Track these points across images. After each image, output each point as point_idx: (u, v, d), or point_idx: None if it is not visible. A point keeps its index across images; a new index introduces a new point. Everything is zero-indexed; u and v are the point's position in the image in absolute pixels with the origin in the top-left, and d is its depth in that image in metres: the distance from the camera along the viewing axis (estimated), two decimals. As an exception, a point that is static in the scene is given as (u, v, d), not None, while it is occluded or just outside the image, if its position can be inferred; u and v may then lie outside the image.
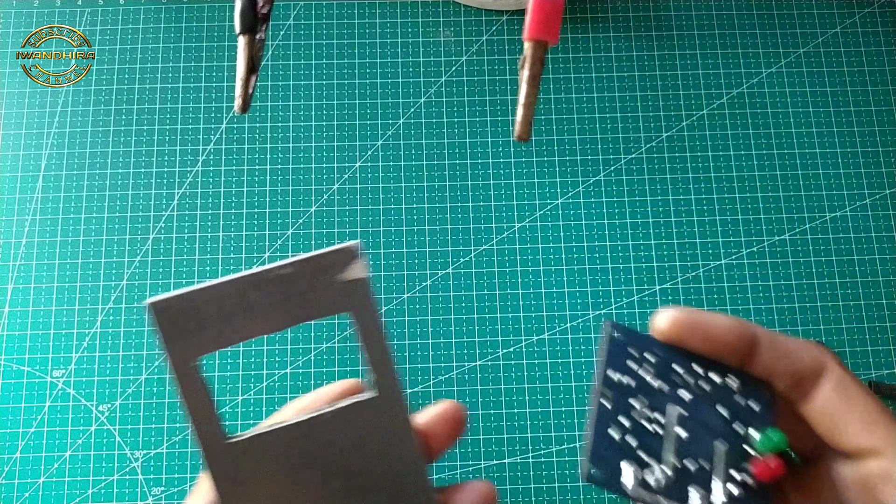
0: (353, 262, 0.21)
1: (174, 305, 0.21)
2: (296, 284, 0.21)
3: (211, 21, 0.51)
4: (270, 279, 0.21)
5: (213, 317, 0.21)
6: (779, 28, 0.52)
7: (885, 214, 0.48)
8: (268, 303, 0.21)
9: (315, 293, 0.21)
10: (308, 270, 0.21)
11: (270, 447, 0.21)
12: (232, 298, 0.21)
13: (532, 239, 0.48)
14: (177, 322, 0.21)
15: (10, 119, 0.49)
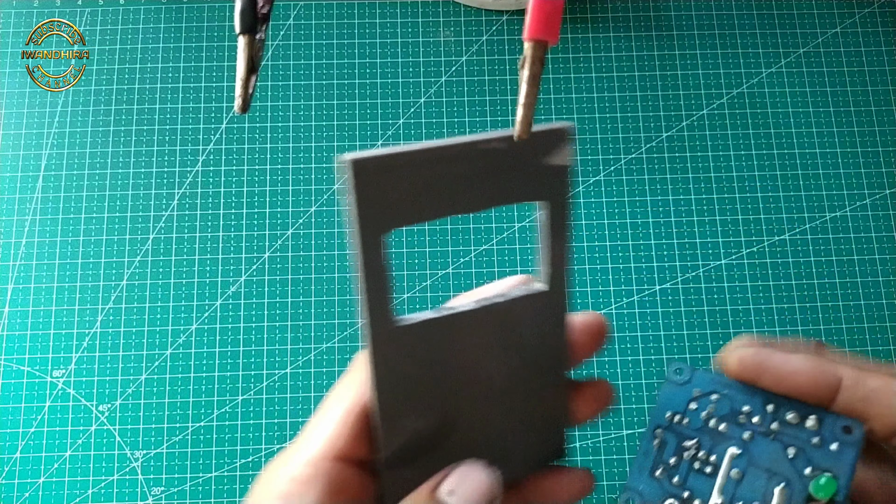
0: (562, 146, 0.19)
1: (376, 167, 0.17)
2: (503, 160, 0.19)
3: (211, 21, 0.51)
4: (481, 151, 0.19)
5: (413, 185, 0.18)
6: (779, 28, 0.52)
7: (885, 214, 0.48)
8: (472, 177, 0.19)
9: (518, 173, 0.19)
10: (519, 146, 0.19)
11: (436, 333, 0.20)
12: (437, 166, 0.18)
13: (532, 239, 0.48)
14: (374, 186, 0.17)
15: (10, 119, 0.49)
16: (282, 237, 0.47)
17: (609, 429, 0.44)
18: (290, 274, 0.47)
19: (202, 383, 0.45)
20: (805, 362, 0.21)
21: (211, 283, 0.46)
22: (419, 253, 0.47)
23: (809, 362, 0.21)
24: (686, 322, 0.46)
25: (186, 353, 0.45)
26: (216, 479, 0.43)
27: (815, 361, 0.21)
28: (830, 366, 0.20)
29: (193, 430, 0.44)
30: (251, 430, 0.44)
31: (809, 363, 0.21)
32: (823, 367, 0.20)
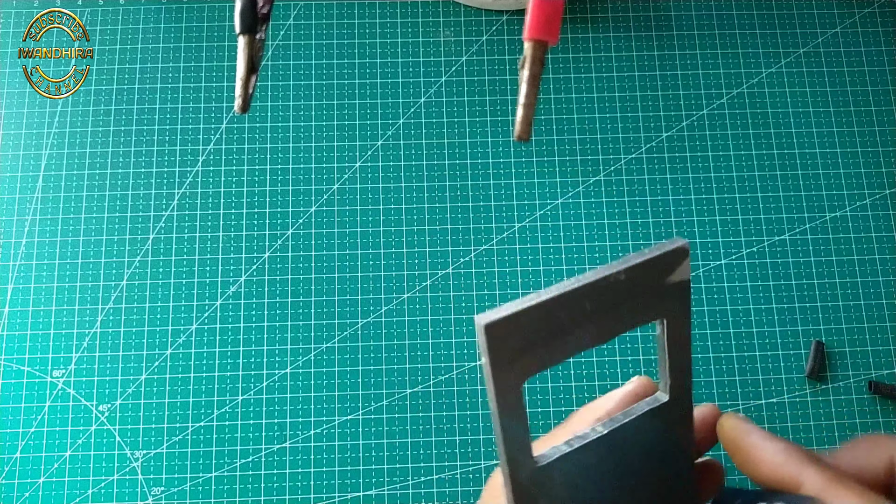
0: (682, 263, 0.20)
1: (507, 325, 0.18)
2: (624, 290, 0.19)
3: (211, 21, 0.51)
4: (603, 287, 0.19)
5: (541, 335, 0.19)
6: (779, 28, 0.52)
7: (885, 214, 0.48)
8: (596, 313, 0.19)
9: (641, 298, 0.19)
10: (641, 275, 0.19)
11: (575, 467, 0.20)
12: (562, 312, 0.19)
13: (532, 239, 0.48)
14: (507, 343, 0.18)
15: (11, 119, 0.49)
16: (282, 237, 0.47)
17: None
18: (290, 274, 0.47)
19: (202, 383, 0.45)
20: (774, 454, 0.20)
21: (211, 283, 0.46)
22: (419, 253, 0.47)
23: (778, 455, 0.20)
24: (686, 322, 0.46)
25: (186, 353, 0.45)
26: (216, 479, 0.43)
27: (784, 456, 0.20)
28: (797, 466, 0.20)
29: (193, 430, 0.44)
30: (251, 430, 0.44)
31: (778, 456, 0.20)
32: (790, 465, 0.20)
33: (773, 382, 0.45)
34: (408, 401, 0.45)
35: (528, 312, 0.18)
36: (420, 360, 0.45)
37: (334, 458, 0.44)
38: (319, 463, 0.44)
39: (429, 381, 0.45)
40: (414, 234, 0.48)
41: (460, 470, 0.44)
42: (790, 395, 0.45)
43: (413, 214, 0.48)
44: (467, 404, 0.45)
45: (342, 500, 0.43)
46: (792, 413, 0.45)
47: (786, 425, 0.45)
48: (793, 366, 0.46)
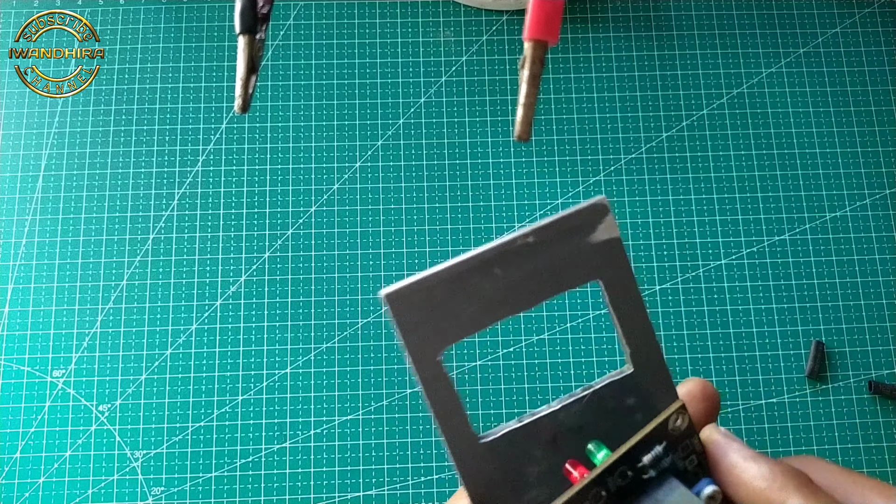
0: (602, 220, 0.19)
1: (410, 294, 0.18)
2: (540, 254, 0.18)
3: (211, 21, 0.51)
4: (512, 252, 0.18)
5: (453, 302, 0.18)
6: (779, 28, 0.52)
7: (885, 214, 0.48)
8: (512, 279, 0.18)
9: (562, 261, 0.19)
10: (553, 236, 0.18)
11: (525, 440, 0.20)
12: (472, 279, 0.18)
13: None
14: (415, 313, 0.18)
15: (11, 119, 0.49)
16: (282, 237, 0.47)
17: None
18: (290, 274, 0.47)
19: (202, 383, 0.45)
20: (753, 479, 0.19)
21: (211, 283, 0.46)
22: (419, 253, 0.47)
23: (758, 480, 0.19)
24: (686, 322, 0.46)
25: (186, 353, 0.45)
26: (216, 479, 0.43)
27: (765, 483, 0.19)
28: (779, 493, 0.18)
29: (193, 430, 0.44)
30: (251, 430, 0.44)
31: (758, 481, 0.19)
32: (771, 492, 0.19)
33: (773, 382, 0.45)
34: (408, 401, 0.45)
35: (431, 280, 0.18)
36: (420, 360, 0.45)
37: (334, 458, 0.44)
38: (319, 463, 0.44)
39: (429, 381, 0.45)
40: (414, 234, 0.48)
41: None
42: (790, 395, 0.45)
43: (413, 214, 0.48)
44: (467, 404, 0.45)
45: (342, 500, 0.43)
46: (792, 413, 0.45)
47: (786, 425, 0.45)
48: (793, 366, 0.46)
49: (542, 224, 0.18)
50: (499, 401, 0.45)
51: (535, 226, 0.18)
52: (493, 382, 0.45)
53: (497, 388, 0.45)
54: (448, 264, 0.18)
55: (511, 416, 0.45)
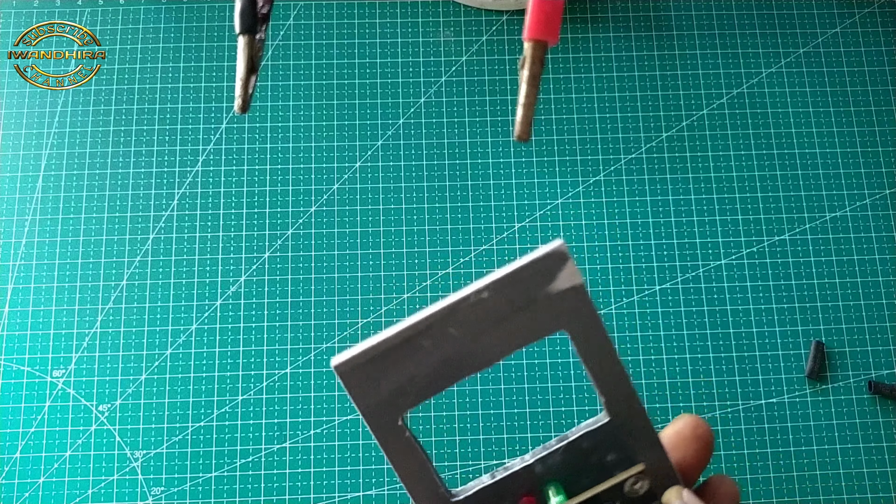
0: (562, 268, 0.17)
1: (362, 363, 0.17)
2: (497, 309, 0.17)
3: (211, 21, 0.51)
4: (464, 311, 0.17)
5: (408, 367, 0.17)
6: (779, 28, 0.52)
7: (885, 214, 0.48)
8: (468, 338, 0.17)
9: (522, 314, 0.18)
10: (508, 290, 0.17)
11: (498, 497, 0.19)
12: (425, 341, 0.17)
13: (532, 239, 0.48)
14: (368, 380, 0.17)
15: (10, 118, 0.49)
16: (282, 237, 0.47)
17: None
18: (290, 274, 0.47)
19: (202, 383, 0.45)
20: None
21: (211, 283, 0.46)
22: (419, 253, 0.47)
23: None
24: (686, 322, 0.46)
25: (186, 353, 0.45)
26: (216, 479, 0.43)
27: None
28: None
29: (193, 430, 0.44)
30: (251, 430, 0.44)
31: None
32: None
33: (773, 382, 0.45)
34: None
35: (382, 347, 0.17)
36: (420, 360, 0.45)
37: (334, 458, 0.44)
38: (319, 463, 0.44)
39: (429, 381, 0.45)
40: (414, 234, 0.48)
41: (460, 470, 0.44)
42: (790, 395, 0.45)
43: (413, 214, 0.48)
44: (467, 404, 0.45)
45: (342, 500, 0.43)
46: (792, 413, 0.45)
47: (786, 425, 0.45)
48: (793, 366, 0.46)
49: (497, 277, 0.17)
50: (499, 401, 0.45)
51: (489, 279, 0.17)
52: (493, 382, 0.45)
53: (497, 388, 0.45)
54: (399, 328, 0.17)
55: (511, 416, 0.45)
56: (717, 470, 0.44)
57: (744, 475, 0.44)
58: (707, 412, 0.45)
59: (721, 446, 0.44)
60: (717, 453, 0.44)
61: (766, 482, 0.44)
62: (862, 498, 0.44)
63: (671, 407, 0.45)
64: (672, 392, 0.45)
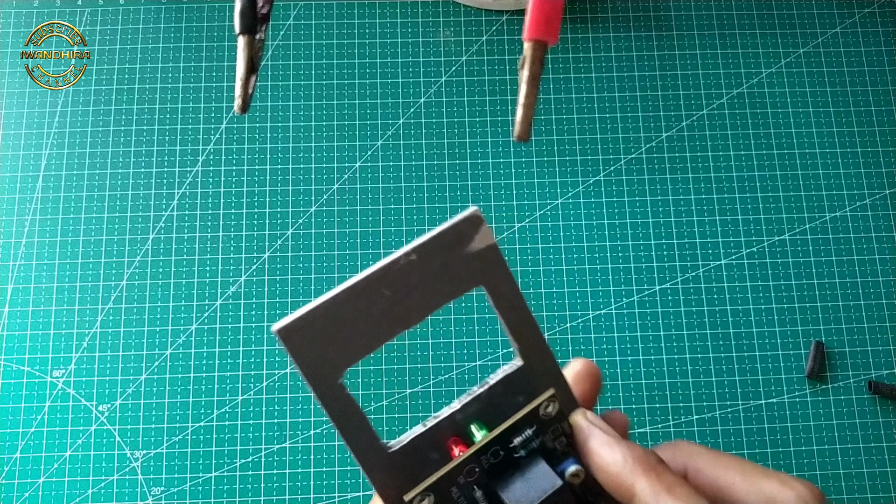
0: (478, 231, 0.20)
1: (301, 326, 0.19)
2: (424, 270, 0.20)
3: (211, 21, 0.51)
4: (395, 273, 0.19)
5: (344, 328, 0.19)
6: (779, 28, 0.52)
7: (885, 214, 0.48)
8: (399, 298, 0.19)
9: (445, 273, 0.20)
10: (433, 252, 0.20)
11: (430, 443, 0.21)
12: (359, 303, 0.19)
13: (532, 239, 0.48)
14: (308, 342, 0.19)
15: (10, 119, 0.49)
16: (282, 237, 0.47)
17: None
18: (290, 274, 0.47)
19: (202, 383, 0.45)
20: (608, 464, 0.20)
21: (211, 283, 0.46)
22: (419, 253, 0.47)
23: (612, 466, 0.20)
24: (686, 322, 0.46)
25: (186, 353, 0.45)
26: (216, 479, 0.43)
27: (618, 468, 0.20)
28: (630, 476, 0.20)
29: (193, 430, 0.44)
30: (251, 430, 0.44)
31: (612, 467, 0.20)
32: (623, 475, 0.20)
33: (773, 382, 0.45)
34: (408, 401, 0.45)
35: (320, 311, 0.19)
36: (420, 360, 0.45)
37: (334, 458, 0.44)
38: (319, 463, 0.44)
39: (429, 381, 0.45)
40: (414, 235, 0.48)
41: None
42: (790, 395, 0.45)
43: (413, 214, 0.48)
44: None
45: (342, 500, 0.43)
46: (792, 413, 0.45)
47: (786, 425, 0.45)
48: (793, 366, 0.46)
49: (422, 241, 0.19)
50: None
51: (415, 243, 0.19)
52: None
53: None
54: (335, 291, 0.19)
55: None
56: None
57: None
58: (707, 412, 0.45)
59: (721, 446, 0.44)
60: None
61: (766, 482, 0.44)
62: (862, 498, 0.44)
63: (671, 407, 0.45)
64: (672, 392, 0.45)
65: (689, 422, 0.45)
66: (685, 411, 0.45)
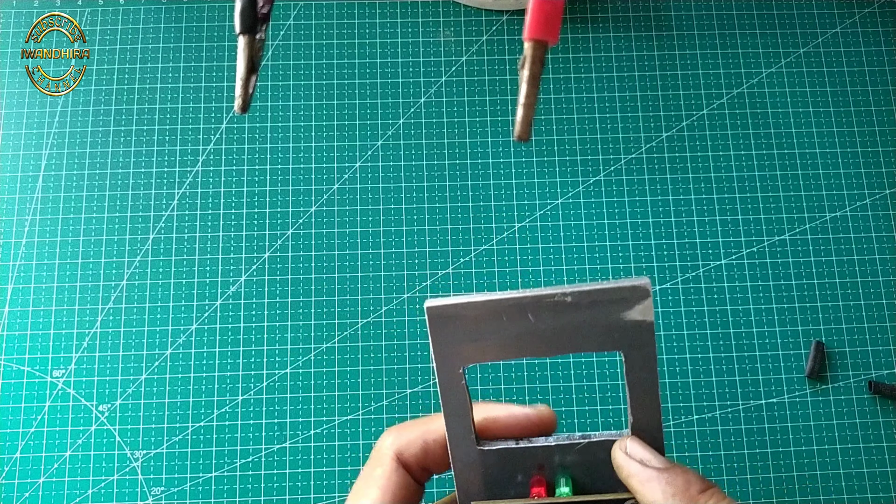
0: (641, 302, 0.20)
1: (450, 312, 0.20)
2: (574, 314, 0.20)
3: (211, 21, 0.51)
4: (548, 304, 0.20)
5: (483, 331, 0.20)
6: (779, 28, 0.52)
7: (885, 214, 0.48)
8: (539, 328, 0.20)
9: (592, 326, 0.20)
10: (589, 302, 0.20)
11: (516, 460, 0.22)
12: (506, 316, 0.20)
13: (532, 239, 0.48)
14: (448, 328, 0.20)
15: (10, 119, 0.49)
16: (282, 237, 0.47)
17: (609, 429, 0.44)
18: (290, 274, 0.47)
19: (202, 383, 0.45)
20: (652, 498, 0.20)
21: (211, 283, 0.46)
22: (419, 253, 0.47)
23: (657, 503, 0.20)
24: (686, 322, 0.46)
25: (186, 353, 0.45)
26: (216, 479, 0.43)
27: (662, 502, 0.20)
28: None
29: (193, 430, 0.44)
30: (251, 430, 0.44)
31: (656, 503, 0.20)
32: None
33: (773, 382, 0.45)
34: (408, 401, 0.45)
35: (470, 307, 0.20)
36: (420, 360, 0.45)
37: (334, 458, 0.44)
38: (319, 463, 0.44)
39: (428, 381, 0.45)
40: (414, 234, 0.48)
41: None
42: (790, 395, 0.45)
43: (413, 214, 0.48)
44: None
45: (342, 500, 0.43)
46: (792, 413, 0.45)
47: (786, 425, 0.45)
48: (793, 366, 0.46)
49: (584, 288, 0.20)
50: (499, 401, 0.45)
51: (577, 288, 0.20)
52: (493, 382, 0.45)
53: (497, 389, 0.45)
54: (488, 297, 0.20)
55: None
56: (718, 469, 0.44)
57: (744, 475, 0.44)
58: (707, 412, 0.45)
59: (721, 446, 0.44)
60: (718, 453, 0.44)
61: (766, 482, 0.44)
62: (862, 498, 0.44)
63: (671, 407, 0.45)
64: (672, 392, 0.45)
65: (689, 422, 0.45)
66: (685, 411, 0.45)
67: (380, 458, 0.23)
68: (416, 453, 0.23)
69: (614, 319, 0.20)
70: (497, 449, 0.21)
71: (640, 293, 0.20)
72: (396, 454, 0.23)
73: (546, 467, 0.22)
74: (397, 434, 0.24)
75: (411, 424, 0.24)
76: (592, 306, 0.20)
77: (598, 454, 0.22)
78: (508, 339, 0.20)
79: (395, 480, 0.23)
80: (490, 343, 0.20)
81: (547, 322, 0.20)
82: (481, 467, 0.21)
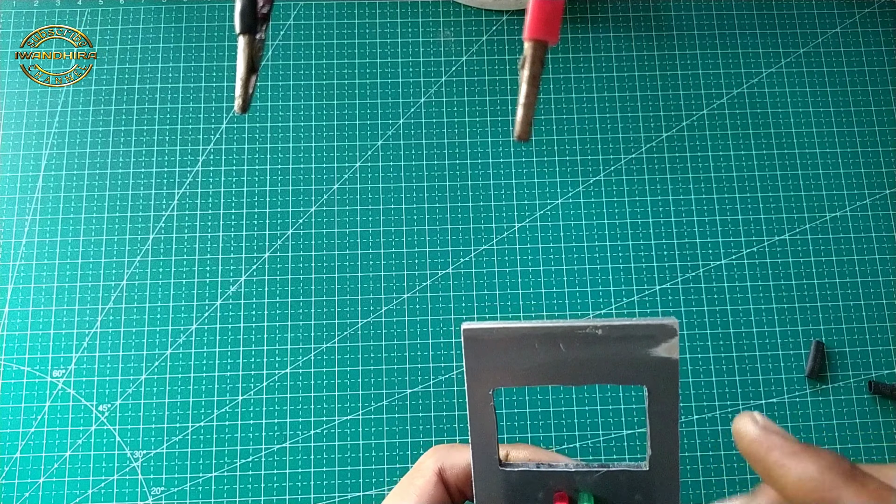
0: (668, 340, 0.21)
1: (485, 335, 0.21)
2: (602, 346, 0.21)
3: (211, 21, 0.51)
4: (580, 336, 0.21)
5: (515, 356, 0.21)
6: (779, 28, 0.52)
7: (885, 214, 0.48)
8: (568, 358, 0.21)
9: (620, 359, 0.21)
10: (619, 337, 0.21)
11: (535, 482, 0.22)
12: (538, 343, 0.21)
13: (532, 239, 0.48)
14: (483, 351, 0.21)
15: (10, 119, 0.49)
16: (282, 237, 0.47)
17: (609, 429, 0.44)
18: (290, 274, 0.47)
19: (202, 383, 0.45)
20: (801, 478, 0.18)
21: (211, 283, 0.46)
22: (419, 253, 0.47)
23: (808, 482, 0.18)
24: (686, 322, 0.46)
25: (186, 353, 0.45)
26: (216, 479, 0.43)
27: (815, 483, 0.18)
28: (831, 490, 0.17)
29: (193, 430, 0.44)
30: (251, 430, 0.44)
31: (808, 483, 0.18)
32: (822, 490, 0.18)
33: (773, 382, 0.45)
34: (408, 401, 0.45)
35: (504, 332, 0.21)
36: (420, 360, 0.45)
37: (334, 458, 0.44)
38: (319, 463, 0.44)
39: (429, 381, 0.45)
40: (414, 234, 0.48)
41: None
42: (790, 395, 0.45)
43: (413, 214, 0.48)
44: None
45: (342, 500, 0.43)
46: (792, 413, 0.45)
47: (786, 425, 0.45)
48: (793, 366, 0.46)
49: (614, 322, 0.21)
50: (499, 401, 0.45)
51: (608, 322, 0.21)
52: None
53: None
54: (523, 324, 0.21)
55: (511, 416, 0.45)
56: (718, 469, 0.44)
57: (744, 475, 0.44)
58: (707, 412, 0.45)
59: (722, 446, 0.44)
60: (718, 453, 0.44)
61: (766, 482, 0.44)
62: (862, 498, 0.43)
63: (671, 407, 0.45)
64: (672, 392, 0.45)
65: (689, 422, 0.45)
66: (685, 411, 0.45)
67: (422, 470, 0.24)
68: (457, 473, 0.24)
69: (641, 355, 0.21)
70: (519, 470, 0.22)
71: (667, 332, 0.21)
72: (439, 469, 0.24)
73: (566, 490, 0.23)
74: (443, 452, 0.25)
75: (457, 446, 0.25)
76: (621, 341, 0.21)
77: (613, 483, 0.23)
78: (538, 367, 0.21)
79: (433, 494, 0.24)
80: (520, 368, 0.21)
81: (577, 352, 0.21)
82: (503, 484, 0.22)
